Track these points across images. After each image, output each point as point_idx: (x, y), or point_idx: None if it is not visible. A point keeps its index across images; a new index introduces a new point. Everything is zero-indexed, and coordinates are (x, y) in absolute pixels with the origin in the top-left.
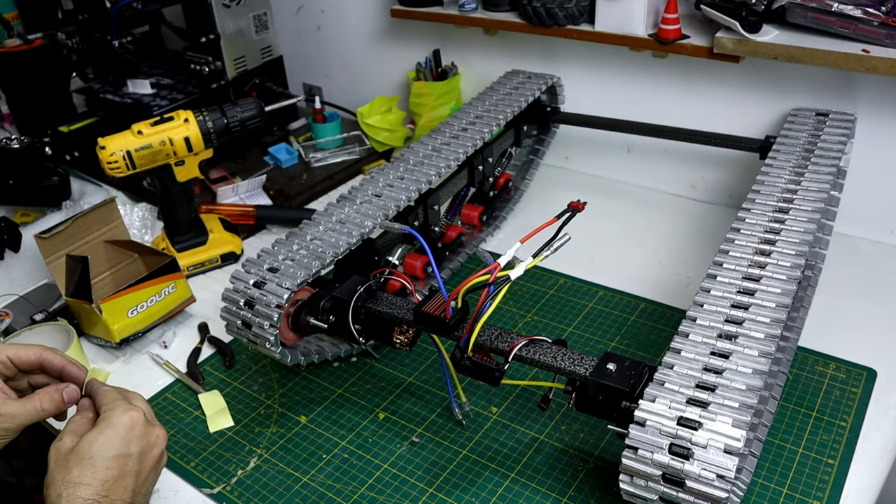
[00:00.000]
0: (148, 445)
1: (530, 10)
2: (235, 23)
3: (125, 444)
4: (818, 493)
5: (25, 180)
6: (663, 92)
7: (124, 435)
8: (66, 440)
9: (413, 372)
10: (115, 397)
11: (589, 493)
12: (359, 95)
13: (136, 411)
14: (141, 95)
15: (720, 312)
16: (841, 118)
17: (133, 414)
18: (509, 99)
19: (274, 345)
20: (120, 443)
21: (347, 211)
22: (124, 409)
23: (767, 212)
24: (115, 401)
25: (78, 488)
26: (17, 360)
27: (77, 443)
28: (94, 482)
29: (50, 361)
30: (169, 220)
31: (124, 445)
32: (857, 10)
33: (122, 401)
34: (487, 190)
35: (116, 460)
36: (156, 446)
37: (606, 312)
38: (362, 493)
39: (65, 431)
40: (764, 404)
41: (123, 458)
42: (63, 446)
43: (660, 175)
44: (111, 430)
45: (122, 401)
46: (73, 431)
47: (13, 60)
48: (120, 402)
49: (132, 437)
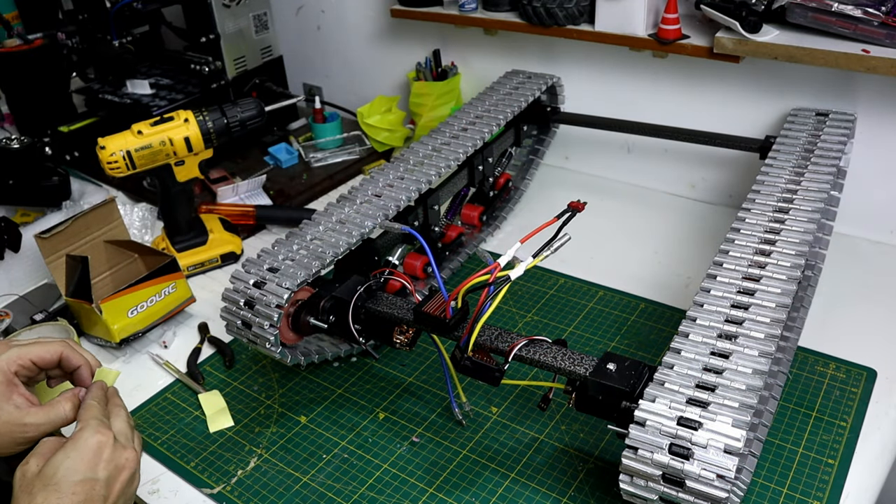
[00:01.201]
0: (116, 469)
1: (530, 10)
2: (235, 23)
3: (91, 468)
4: (818, 493)
5: (25, 180)
6: (663, 92)
7: (90, 458)
8: (31, 463)
9: (413, 372)
10: (91, 415)
11: (589, 493)
12: (359, 95)
13: (105, 434)
14: (140, 95)
15: (720, 312)
16: (841, 118)
17: (100, 438)
18: (509, 99)
19: (274, 345)
20: (86, 467)
21: (347, 211)
22: (93, 431)
23: (767, 212)
24: (89, 420)
25: None
26: (40, 363)
27: (42, 467)
28: None
29: (68, 360)
30: (169, 220)
31: (90, 469)
32: (857, 10)
33: (94, 421)
34: (487, 190)
35: (83, 485)
36: (124, 469)
37: (606, 312)
38: (362, 493)
39: (32, 454)
40: (764, 404)
41: (90, 482)
42: (29, 470)
43: (660, 175)
44: (77, 453)
45: (94, 421)
46: (40, 454)
47: (13, 60)
48: (92, 422)
49: (99, 460)
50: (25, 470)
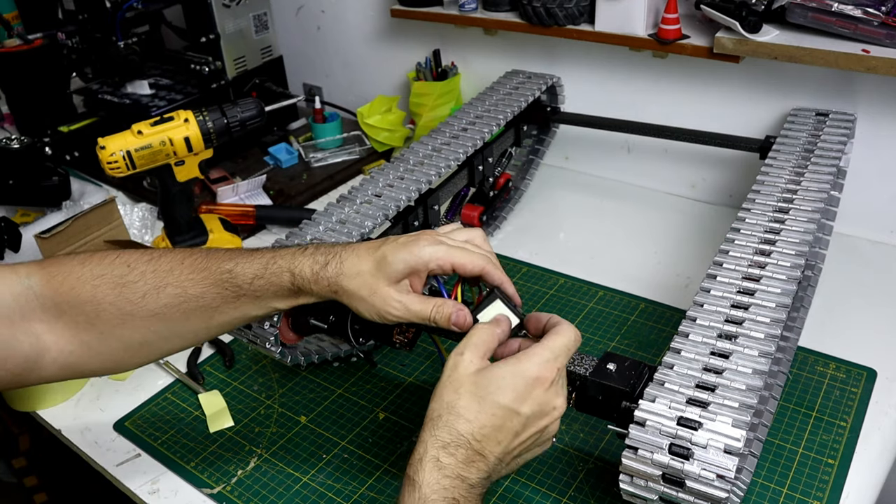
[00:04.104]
0: (541, 412)
1: (530, 10)
2: (235, 23)
3: (520, 399)
4: (818, 493)
5: (25, 180)
6: (663, 92)
7: (523, 389)
8: (466, 356)
9: (413, 372)
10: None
11: (589, 493)
12: (359, 95)
13: (548, 372)
14: (140, 96)
15: (720, 312)
16: (841, 118)
17: (542, 373)
18: (509, 99)
19: (274, 345)
20: (516, 395)
21: (347, 211)
22: (539, 363)
23: (767, 212)
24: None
25: (458, 420)
26: (460, 270)
27: (480, 370)
28: (475, 422)
29: (490, 276)
30: (169, 220)
31: (519, 399)
32: (857, 10)
33: (547, 352)
34: (487, 190)
35: (504, 410)
36: (546, 416)
37: (606, 312)
38: (362, 493)
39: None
40: (764, 404)
41: (512, 412)
42: (462, 362)
43: (660, 175)
44: (514, 378)
45: (547, 352)
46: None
47: (13, 60)
48: (544, 353)
49: (529, 395)
50: (458, 361)
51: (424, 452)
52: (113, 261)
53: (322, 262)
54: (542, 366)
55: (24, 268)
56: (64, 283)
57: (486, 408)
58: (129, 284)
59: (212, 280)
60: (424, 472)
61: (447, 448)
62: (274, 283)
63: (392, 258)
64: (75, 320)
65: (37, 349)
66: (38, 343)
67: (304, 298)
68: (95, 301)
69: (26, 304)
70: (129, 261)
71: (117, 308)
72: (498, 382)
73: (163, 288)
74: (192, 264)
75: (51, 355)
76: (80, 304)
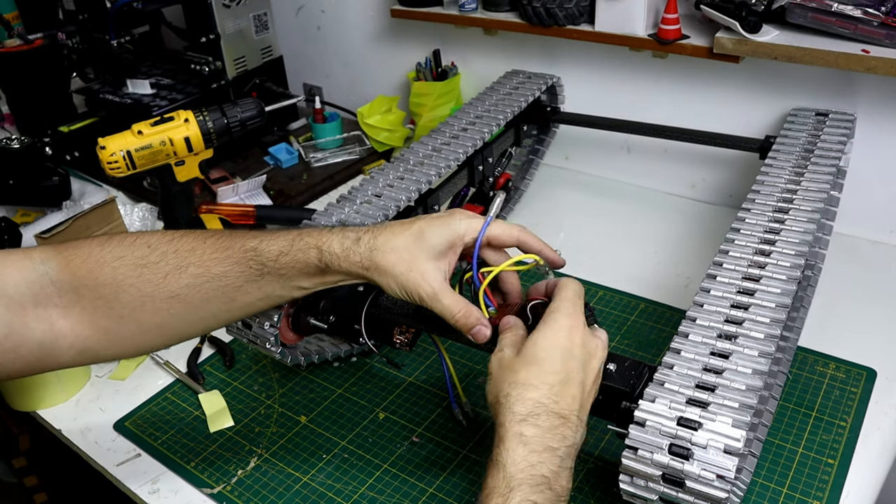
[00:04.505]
0: (588, 355)
1: (530, 10)
2: (235, 23)
3: (568, 349)
4: (818, 493)
5: (25, 180)
6: (663, 92)
7: (565, 338)
8: (506, 351)
9: (413, 372)
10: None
11: (589, 493)
12: (359, 95)
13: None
14: (141, 96)
15: (720, 312)
16: (841, 118)
17: (572, 321)
18: (509, 99)
19: (274, 345)
20: (562, 346)
21: (347, 211)
22: (566, 314)
23: (767, 212)
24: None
25: (527, 389)
26: (495, 241)
27: (521, 350)
28: (542, 385)
29: (527, 244)
30: (169, 220)
31: (567, 350)
32: (856, 10)
33: (566, 303)
34: (487, 190)
35: (563, 364)
36: (594, 357)
37: (606, 312)
38: (362, 493)
39: (504, 344)
40: (764, 404)
41: (569, 362)
42: (505, 356)
43: (660, 175)
44: (552, 332)
45: (566, 303)
46: (512, 344)
47: (13, 60)
48: (565, 304)
49: (573, 343)
50: (501, 357)
51: (505, 433)
52: (133, 242)
53: (353, 238)
54: (569, 316)
55: (40, 253)
56: (82, 266)
57: (547, 367)
58: (150, 265)
59: (235, 258)
60: (508, 451)
61: (527, 420)
62: (300, 259)
63: (430, 232)
64: (93, 304)
65: (51, 336)
66: (53, 329)
67: (330, 277)
68: (115, 283)
69: (41, 290)
70: (150, 241)
71: (137, 290)
72: (542, 344)
73: (185, 268)
74: (216, 243)
75: (67, 341)
76: (98, 286)
